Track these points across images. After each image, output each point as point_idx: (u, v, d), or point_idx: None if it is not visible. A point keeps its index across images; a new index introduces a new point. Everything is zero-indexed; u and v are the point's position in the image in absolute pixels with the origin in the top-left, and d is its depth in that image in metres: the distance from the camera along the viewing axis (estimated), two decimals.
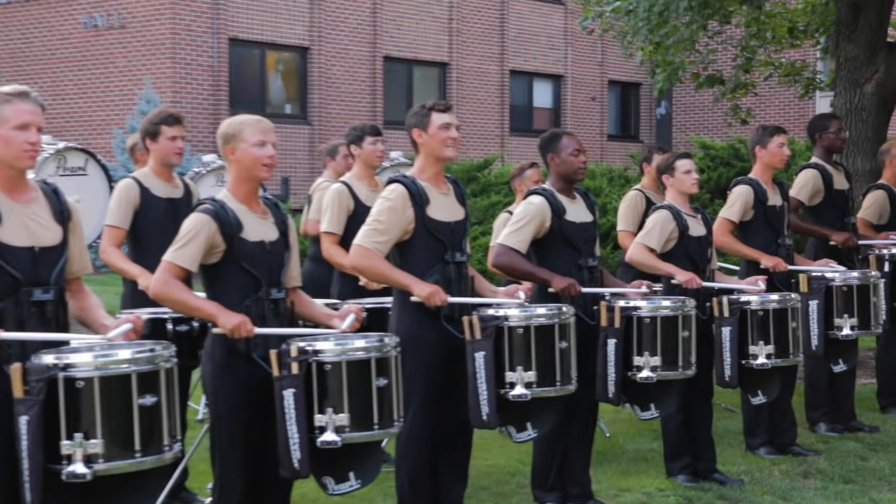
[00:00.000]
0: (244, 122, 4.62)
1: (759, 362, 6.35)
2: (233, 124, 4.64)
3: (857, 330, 7.07)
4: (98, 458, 3.79)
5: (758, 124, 7.75)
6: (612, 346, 5.73)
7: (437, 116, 5.18)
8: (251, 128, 4.59)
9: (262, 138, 4.59)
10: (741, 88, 12.10)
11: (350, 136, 7.04)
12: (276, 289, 4.62)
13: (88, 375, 3.82)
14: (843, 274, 7.10)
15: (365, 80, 21.22)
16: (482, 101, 23.17)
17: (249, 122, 4.62)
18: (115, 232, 6.09)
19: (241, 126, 4.61)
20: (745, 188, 7.04)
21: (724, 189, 7.08)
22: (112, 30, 19.37)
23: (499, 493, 6.34)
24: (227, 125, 4.65)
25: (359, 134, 6.98)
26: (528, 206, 5.77)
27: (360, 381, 4.44)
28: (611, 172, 14.46)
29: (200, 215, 4.54)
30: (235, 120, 4.66)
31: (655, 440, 7.39)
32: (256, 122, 4.62)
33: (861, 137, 9.80)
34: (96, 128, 19.38)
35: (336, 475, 4.56)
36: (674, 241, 6.39)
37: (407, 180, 5.16)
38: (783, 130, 7.14)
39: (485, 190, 14.07)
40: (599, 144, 24.90)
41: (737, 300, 6.37)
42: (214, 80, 19.24)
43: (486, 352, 5.02)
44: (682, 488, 6.40)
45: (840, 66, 10.07)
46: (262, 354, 4.51)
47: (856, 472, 6.75)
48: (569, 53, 24.70)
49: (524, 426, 5.28)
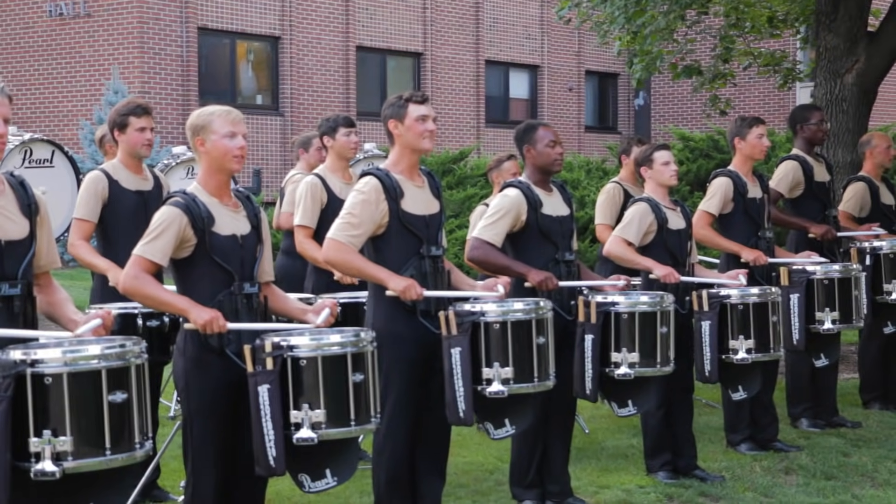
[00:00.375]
0: (213, 113, 4.56)
1: (740, 357, 6.31)
2: (202, 115, 4.58)
3: (838, 324, 7.03)
4: (67, 456, 3.74)
5: (737, 115, 7.69)
6: (589, 341, 5.68)
7: (413, 108, 5.12)
8: (221, 119, 4.53)
9: (231, 129, 4.53)
10: (720, 79, 12.06)
11: (323, 128, 6.94)
12: (249, 283, 4.57)
13: (57, 371, 3.76)
14: (825, 267, 7.06)
15: (338, 70, 21.08)
16: (457, 91, 23.07)
17: (219, 112, 4.56)
18: (84, 225, 6.00)
19: (210, 117, 4.55)
20: (724, 180, 6.98)
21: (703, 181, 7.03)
22: (78, 18, 19.13)
23: (477, 491, 6.27)
24: (196, 116, 4.59)
25: (332, 125, 6.89)
26: (504, 198, 5.71)
27: (335, 377, 4.41)
28: (588, 164, 14.42)
29: (171, 208, 4.48)
30: (205, 111, 4.60)
31: (635, 436, 7.32)
32: (226, 113, 4.56)
33: (842, 129, 9.76)
34: (63, 119, 19.15)
35: (312, 472, 4.52)
36: (652, 234, 6.34)
37: (380, 173, 5.11)
38: (762, 121, 7.10)
39: (460, 182, 14.00)
40: (577, 136, 24.86)
41: (716, 294, 6.33)
42: (184, 70, 19.04)
43: (463, 348, 4.97)
44: (663, 485, 6.34)
45: (820, 57, 10.02)
46: (235, 350, 4.46)
47: (838, 468, 6.71)
48: (545, 43, 24.63)
49: (502, 423, 5.23)
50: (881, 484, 6.40)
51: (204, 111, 4.60)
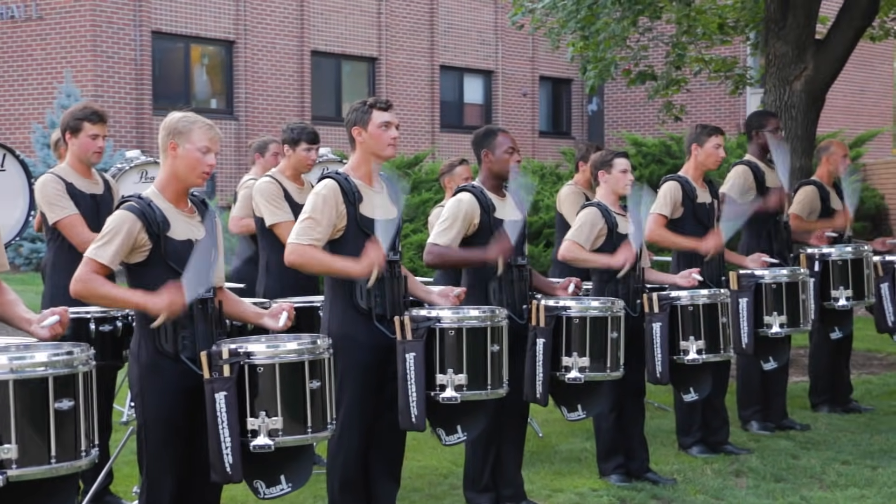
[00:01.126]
0: (196, 123, 4.48)
1: (691, 357, 6.37)
2: (184, 120, 4.49)
3: (786, 328, 7.11)
4: (11, 464, 3.69)
5: (695, 122, 7.74)
6: (540, 345, 5.71)
7: (377, 115, 5.12)
8: (201, 131, 4.47)
9: (208, 145, 4.47)
10: (673, 85, 12.14)
11: (285, 136, 6.92)
12: (205, 289, 4.51)
13: (3, 378, 3.70)
14: (773, 272, 7.13)
15: (292, 74, 21.01)
16: (412, 96, 23.07)
17: (200, 124, 4.49)
18: (72, 219, 5.89)
19: (191, 125, 4.47)
20: (672, 184, 7.04)
21: (655, 186, 7.06)
22: (30, 21, 18.93)
23: (431, 495, 6.28)
24: (178, 120, 4.50)
25: (295, 137, 6.87)
26: (458, 203, 5.73)
27: (292, 384, 4.40)
28: (542, 169, 14.46)
29: (124, 212, 4.43)
30: (187, 117, 4.51)
31: (588, 440, 7.36)
32: (208, 128, 4.49)
33: (791, 134, 9.87)
34: (14, 122, 18.94)
35: (267, 479, 4.51)
36: (602, 238, 6.39)
37: (339, 177, 5.10)
38: (721, 132, 7.13)
39: (415, 187, 14.01)
40: (531, 141, 24.92)
41: (667, 296, 6.40)
42: (137, 73, 18.91)
43: (417, 353, 4.98)
44: (615, 488, 6.37)
45: (769, 63, 10.13)
46: (190, 356, 4.43)
47: (787, 470, 6.77)
48: (499, 49, 24.68)
49: (454, 429, 5.25)
50: (829, 486, 6.47)
51: (186, 117, 4.51)
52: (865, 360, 10.74)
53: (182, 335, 4.43)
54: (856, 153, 17.21)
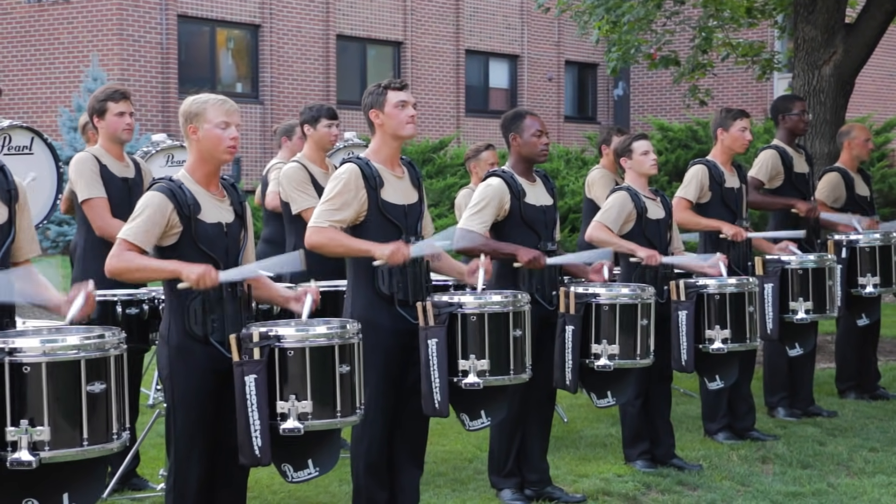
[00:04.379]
0: (208, 102, 4.50)
1: (716, 347, 6.34)
2: (196, 102, 4.51)
3: (811, 314, 7.08)
4: (44, 446, 3.73)
5: (721, 106, 7.70)
6: (570, 332, 5.69)
7: (393, 95, 5.10)
8: (215, 108, 4.48)
9: (225, 119, 4.48)
10: (699, 69, 12.07)
11: (305, 116, 6.92)
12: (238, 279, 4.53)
13: (35, 361, 3.74)
14: (799, 257, 7.10)
15: (318, 58, 21.01)
16: (437, 81, 23.03)
17: (213, 101, 4.50)
18: (97, 202, 5.92)
19: (204, 105, 4.49)
20: (699, 168, 7.01)
21: (682, 171, 7.05)
22: (57, 5, 19.00)
23: (455, 480, 6.28)
24: (191, 103, 4.52)
25: (314, 115, 6.87)
26: (487, 188, 5.72)
27: (322, 368, 4.40)
28: (568, 154, 14.43)
29: (156, 193, 4.45)
30: (199, 98, 4.54)
31: (613, 425, 7.35)
32: (221, 103, 4.50)
33: (819, 120, 9.80)
34: (41, 106, 19.03)
35: (295, 462, 4.53)
36: (632, 222, 6.36)
37: (361, 162, 5.09)
38: (747, 115, 7.11)
39: (440, 171, 14.00)
40: (556, 126, 24.85)
41: (694, 284, 6.36)
42: (163, 57, 18.95)
43: (440, 339, 4.97)
44: (641, 474, 6.36)
45: (798, 48, 10.05)
46: (219, 339, 4.44)
47: (814, 457, 6.75)
48: (525, 33, 24.61)
49: (478, 414, 5.24)
50: (856, 473, 6.45)
51: (198, 98, 4.53)
52: (894, 346, 10.68)
53: (211, 318, 4.44)
54: (884, 138, 17.07)
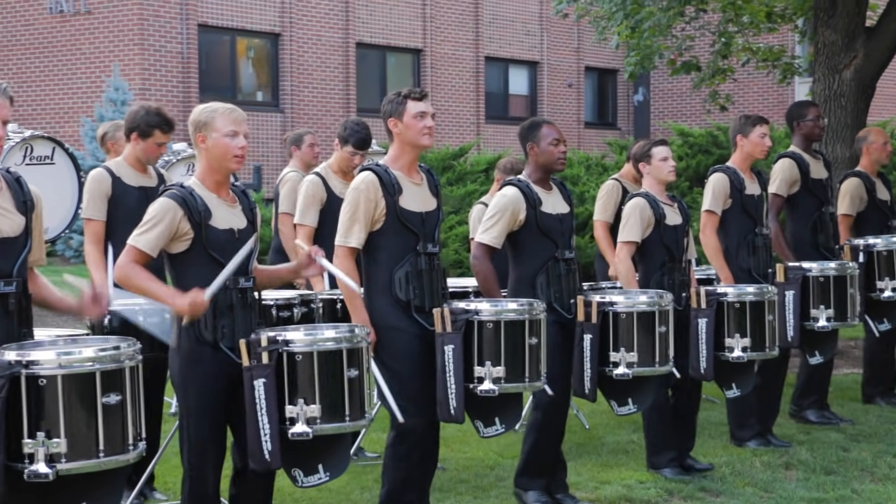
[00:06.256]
0: (216, 111, 4.53)
1: (735, 355, 6.30)
2: (205, 112, 4.55)
3: (833, 322, 6.99)
4: (61, 458, 3.75)
5: (740, 113, 7.67)
6: (588, 341, 5.68)
7: (412, 105, 5.12)
8: (223, 117, 4.51)
9: (233, 128, 4.51)
10: (719, 74, 12.03)
11: (339, 132, 7.02)
12: (244, 278, 4.57)
13: (51, 373, 3.76)
14: (821, 265, 7.04)
15: (338, 66, 21.05)
16: (457, 88, 23.04)
17: (222, 110, 4.53)
18: (93, 225, 6.04)
19: (213, 114, 4.52)
20: (719, 177, 6.94)
21: (702, 177, 7.02)
22: (78, 15, 19.11)
23: (477, 486, 6.27)
24: (199, 112, 4.56)
25: (346, 137, 6.96)
26: (501, 198, 5.72)
27: (330, 372, 4.43)
28: (588, 160, 14.38)
29: (165, 200, 4.49)
30: (208, 107, 4.57)
31: (635, 432, 7.33)
32: (229, 112, 4.53)
33: (840, 124, 9.76)
34: (63, 116, 19.13)
35: (305, 467, 4.55)
36: (650, 228, 6.32)
37: (379, 169, 5.11)
38: (766, 121, 7.05)
39: (460, 178, 13.98)
40: (576, 132, 24.82)
41: (714, 291, 6.34)
42: (184, 67, 19.03)
43: (456, 345, 4.99)
44: (663, 480, 6.33)
45: (818, 52, 10.01)
46: (230, 345, 4.47)
47: (838, 462, 6.70)
48: (545, 39, 24.59)
49: (492, 421, 5.25)
50: (881, 479, 6.40)
51: (207, 107, 4.56)
52: None
53: (221, 324, 4.47)
54: None
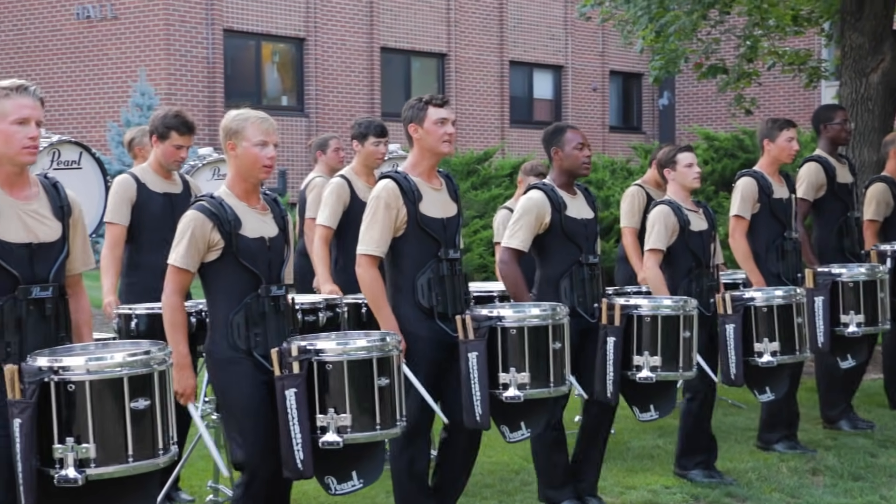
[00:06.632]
0: (247, 120, 4.54)
1: (765, 360, 6.25)
2: (236, 119, 4.56)
3: (863, 327, 6.94)
4: (90, 463, 3.77)
5: (767, 116, 7.63)
6: (611, 344, 5.66)
7: (433, 111, 5.12)
8: (254, 127, 4.52)
9: (263, 138, 4.52)
10: (745, 78, 11.98)
11: (354, 132, 6.98)
12: (276, 286, 4.57)
13: (80, 379, 3.78)
14: (850, 269, 6.99)
15: (362, 71, 21.10)
16: (482, 92, 23.05)
17: (253, 120, 4.54)
18: (114, 229, 6.08)
19: (243, 123, 4.53)
20: (747, 181, 6.92)
21: (728, 181, 6.99)
22: (105, 21, 19.23)
23: (502, 491, 6.28)
24: (231, 119, 4.57)
25: (363, 131, 6.91)
26: (527, 202, 5.72)
27: (361, 381, 4.43)
28: (613, 164, 14.34)
29: (192, 212, 4.51)
30: (240, 115, 4.58)
31: (661, 437, 7.32)
32: (260, 122, 4.54)
33: (867, 128, 9.71)
34: (90, 121, 19.25)
35: (338, 474, 4.54)
36: (675, 235, 6.30)
37: (399, 176, 5.11)
38: (793, 124, 7.02)
39: (485, 183, 13.96)
40: (601, 136, 24.79)
41: (740, 297, 6.30)
42: (210, 71, 19.11)
43: (479, 352, 4.99)
44: (689, 485, 6.32)
45: (845, 55, 9.97)
46: (263, 352, 4.49)
47: (865, 468, 6.67)
48: (569, 43, 24.57)
49: (518, 426, 5.25)
50: None
51: (239, 115, 4.57)
52: None
53: (254, 332, 4.48)
54: None
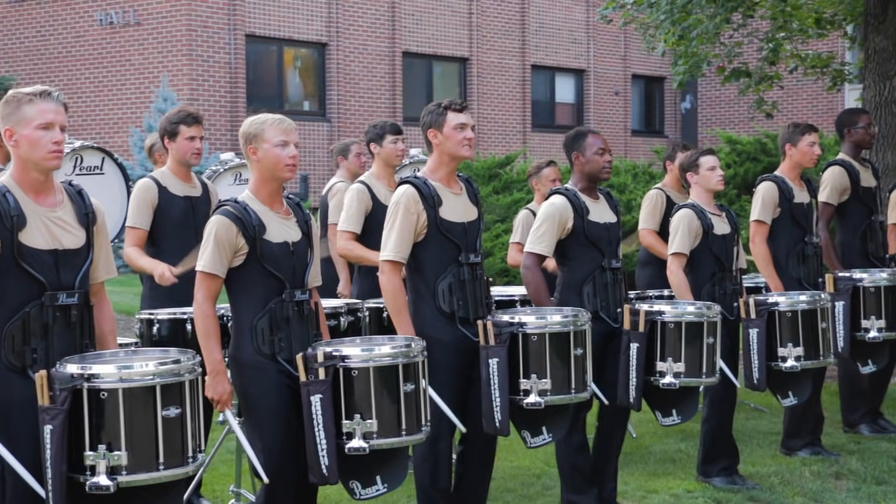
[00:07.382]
0: (266, 122, 4.57)
1: (789, 365, 6.23)
2: (254, 123, 4.59)
3: (884, 332, 6.91)
4: (122, 470, 3.79)
5: (789, 120, 7.61)
6: (634, 350, 5.66)
7: (452, 116, 5.13)
8: (273, 128, 4.55)
9: (283, 138, 4.54)
10: (766, 81, 11.95)
11: (370, 134, 6.98)
12: (300, 290, 4.58)
13: (112, 387, 3.80)
14: (871, 274, 6.97)
15: (384, 76, 21.15)
16: (503, 96, 23.06)
17: (271, 121, 4.57)
18: (135, 232, 6.12)
19: (262, 126, 4.56)
20: (768, 185, 6.90)
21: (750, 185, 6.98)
22: (128, 27, 19.34)
23: (524, 496, 6.29)
24: (249, 124, 4.60)
25: (379, 132, 6.92)
26: (549, 207, 5.73)
27: (387, 387, 4.43)
28: (635, 168, 14.35)
29: (220, 218, 4.52)
30: (257, 119, 4.61)
31: (683, 441, 7.32)
32: (278, 122, 4.57)
33: (891, 131, 9.67)
34: (113, 126, 19.36)
35: (363, 479, 4.55)
36: (698, 239, 6.30)
37: (418, 181, 5.12)
38: (815, 129, 7.00)
39: (507, 187, 14.00)
40: (623, 140, 24.75)
41: (764, 301, 6.28)
42: (232, 77, 19.19)
43: (500, 358, 4.99)
44: (711, 489, 6.32)
45: (869, 59, 9.94)
46: (287, 357, 4.50)
47: (889, 472, 6.66)
48: (591, 47, 24.56)
49: (539, 431, 5.26)
50: None
51: (256, 119, 4.60)
52: None
53: (279, 337, 4.50)
54: None
